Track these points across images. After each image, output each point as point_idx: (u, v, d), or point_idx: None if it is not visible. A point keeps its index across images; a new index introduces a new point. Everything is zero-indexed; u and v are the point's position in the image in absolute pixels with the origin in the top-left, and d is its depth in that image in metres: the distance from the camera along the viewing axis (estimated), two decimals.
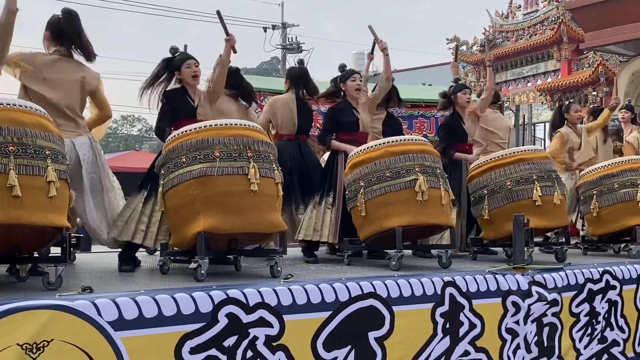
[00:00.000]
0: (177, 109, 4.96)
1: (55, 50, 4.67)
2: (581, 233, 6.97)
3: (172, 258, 4.65)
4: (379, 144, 5.11)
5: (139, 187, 4.89)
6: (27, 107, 3.68)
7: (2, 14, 4.19)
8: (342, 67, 5.96)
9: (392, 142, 5.10)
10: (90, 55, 4.73)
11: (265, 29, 26.88)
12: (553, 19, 24.97)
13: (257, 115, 6.24)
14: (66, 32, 4.63)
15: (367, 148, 5.12)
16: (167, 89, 5.05)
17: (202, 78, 5.18)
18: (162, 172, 4.32)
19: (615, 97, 8.19)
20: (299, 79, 5.96)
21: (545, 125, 25.64)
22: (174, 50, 5.12)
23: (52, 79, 4.56)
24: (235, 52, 4.98)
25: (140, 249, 5.13)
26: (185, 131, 4.27)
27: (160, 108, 5.02)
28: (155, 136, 5.32)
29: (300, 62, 6.23)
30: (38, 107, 3.79)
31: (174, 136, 4.32)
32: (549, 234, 6.51)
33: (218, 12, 5.03)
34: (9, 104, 3.60)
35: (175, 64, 5.06)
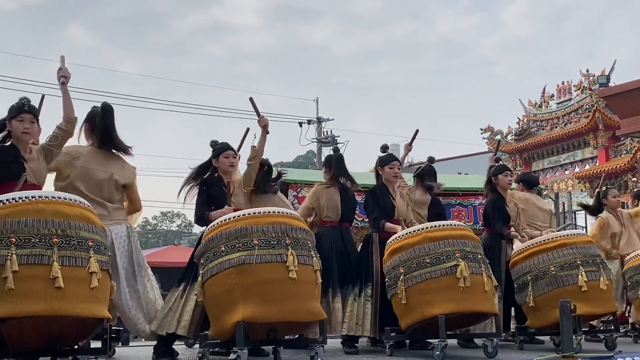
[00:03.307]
0: (213, 197, 5.06)
1: (91, 143, 4.83)
2: (630, 320, 6.73)
3: (211, 350, 4.60)
4: (418, 230, 5.08)
5: (180, 280, 4.92)
6: (70, 199, 3.78)
7: (64, 123, 4.42)
8: (383, 148, 5.98)
9: (431, 227, 5.07)
10: (124, 150, 4.91)
11: (300, 124, 27.37)
12: (587, 107, 25.03)
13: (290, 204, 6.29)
14: (99, 126, 4.80)
15: (406, 234, 5.09)
16: (204, 177, 5.18)
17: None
18: (202, 261, 4.34)
19: None
20: (337, 165, 5.97)
21: (585, 213, 25.22)
22: (214, 142, 5.30)
23: (85, 170, 4.71)
24: (267, 132, 5.19)
25: (179, 342, 5.09)
26: (224, 220, 4.32)
27: (198, 196, 5.12)
28: (194, 230, 5.38)
29: (336, 149, 6.28)
30: (82, 200, 3.88)
31: (213, 225, 4.36)
32: (593, 322, 6.29)
33: (251, 99, 5.27)
34: (54, 197, 3.71)
35: (214, 153, 5.22)
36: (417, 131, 6.20)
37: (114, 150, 4.89)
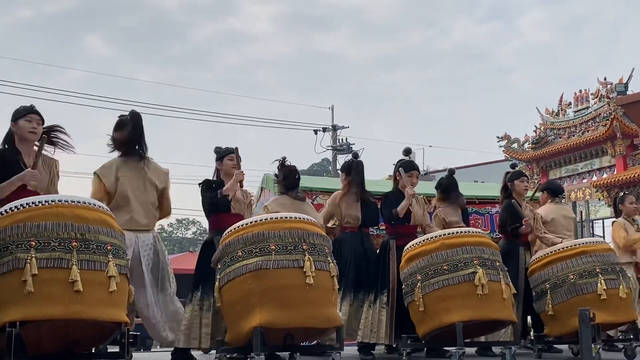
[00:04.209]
0: (215, 201, 5.10)
1: (121, 154, 4.85)
2: None
3: (227, 355, 4.60)
4: (435, 237, 5.06)
5: (193, 290, 4.95)
6: (90, 203, 3.80)
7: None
8: (406, 152, 5.94)
9: (448, 234, 5.04)
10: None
11: (316, 132, 27.36)
12: (605, 115, 24.81)
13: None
14: (131, 134, 4.80)
15: (423, 240, 5.07)
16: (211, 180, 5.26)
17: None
18: (219, 266, 4.34)
19: None
20: (356, 172, 5.94)
21: (603, 222, 25.00)
22: (218, 148, 5.40)
23: (125, 180, 4.73)
24: (241, 186, 5.22)
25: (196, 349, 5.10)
26: (241, 225, 4.33)
27: (202, 194, 5.21)
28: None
29: (355, 155, 6.25)
30: (101, 204, 3.90)
31: (230, 231, 4.37)
32: (610, 332, 6.22)
33: (236, 149, 5.29)
34: (73, 201, 3.73)
35: (218, 156, 5.31)
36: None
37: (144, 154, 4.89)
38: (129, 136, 4.79)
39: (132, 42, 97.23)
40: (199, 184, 5.27)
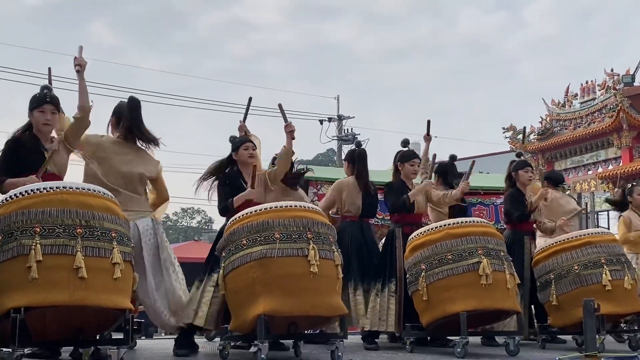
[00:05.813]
0: (237, 190, 5.04)
1: (118, 136, 4.84)
2: None
3: (231, 343, 4.61)
4: (440, 226, 5.05)
5: (208, 268, 4.91)
6: (95, 190, 3.81)
7: (78, 112, 4.44)
8: (405, 143, 5.93)
9: (453, 224, 5.03)
10: (151, 142, 4.88)
11: (321, 122, 27.34)
12: (611, 106, 24.71)
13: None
14: (126, 119, 4.78)
15: (428, 230, 5.06)
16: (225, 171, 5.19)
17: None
18: (223, 254, 4.35)
19: None
20: (358, 161, 5.94)
21: (608, 214, 24.94)
22: (233, 137, 5.33)
23: (111, 162, 4.70)
24: (293, 138, 5.18)
25: (200, 336, 5.10)
26: (246, 214, 4.33)
27: (220, 188, 5.14)
28: (214, 226, 5.36)
29: (358, 144, 6.26)
30: (106, 191, 3.90)
31: (235, 219, 4.37)
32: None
33: (280, 105, 5.30)
34: (78, 188, 3.74)
35: (234, 146, 5.23)
36: (429, 121, 6.27)
37: (140, 144, 4.88)
38: (126, 122, 4.76)
39: (138, 30, 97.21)
40: (220, 181, 5.20)
